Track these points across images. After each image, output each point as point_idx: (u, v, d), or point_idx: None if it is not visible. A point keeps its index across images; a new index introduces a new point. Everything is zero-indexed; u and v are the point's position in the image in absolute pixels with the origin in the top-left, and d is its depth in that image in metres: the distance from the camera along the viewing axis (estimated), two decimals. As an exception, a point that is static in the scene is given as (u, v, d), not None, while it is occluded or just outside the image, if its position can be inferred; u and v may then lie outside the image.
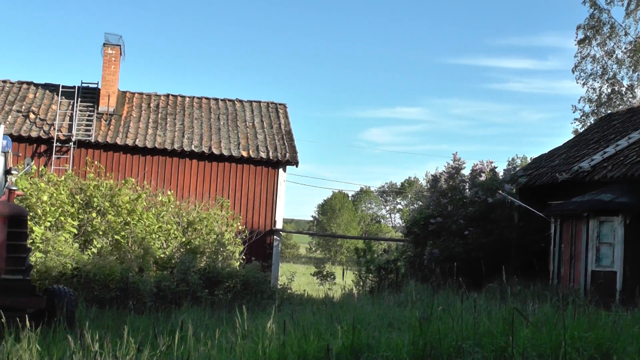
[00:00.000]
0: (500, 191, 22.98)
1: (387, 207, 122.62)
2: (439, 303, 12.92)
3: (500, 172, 25.45)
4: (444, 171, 27.21)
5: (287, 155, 29.54)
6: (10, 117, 29.49)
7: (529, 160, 57.78)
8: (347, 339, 9.17)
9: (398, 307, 15.61)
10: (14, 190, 16.28)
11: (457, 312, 9.76)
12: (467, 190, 25.28)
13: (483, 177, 24.60)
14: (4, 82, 32.13)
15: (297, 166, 29.95)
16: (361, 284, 27.78)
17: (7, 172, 15.93)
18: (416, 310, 11.58)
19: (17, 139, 27.80)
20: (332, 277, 32.45)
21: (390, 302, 17.18)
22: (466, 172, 26.21)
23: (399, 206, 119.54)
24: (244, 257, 26.46)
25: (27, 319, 10.41)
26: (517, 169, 27.63)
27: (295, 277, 28.11)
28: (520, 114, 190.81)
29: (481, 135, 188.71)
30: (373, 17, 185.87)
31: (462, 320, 9.18)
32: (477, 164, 25.63)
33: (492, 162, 25.63)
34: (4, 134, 15.25)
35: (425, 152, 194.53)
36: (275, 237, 29.62)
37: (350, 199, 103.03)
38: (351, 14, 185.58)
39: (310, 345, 9.15)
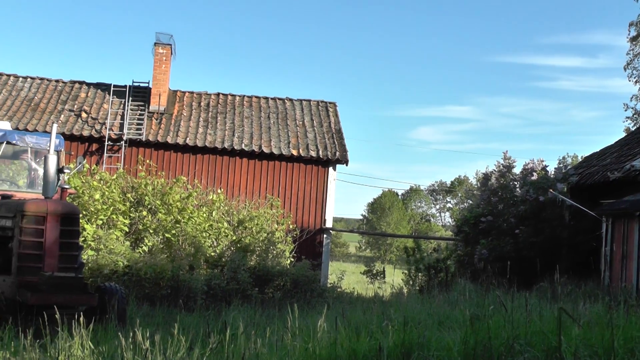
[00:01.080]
0: (551, 190, 22.77)
1: (437, 206, 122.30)
2: (489, 302, 12.83)
3: (551, 170, 25.22)
4: (494, 170, 27.02)
5: (337, 153, 29.53)
6: (62, 116, 29.85)
7: (579, 159, 57.28)
8: (398, 337, 9.14)
9: (448, 306, 15.52)
10: (67, 188, 16.47)
11: (508, 311, 9.67)
12: (518, 189, 25.09)
13: (534, 176, 24.37)
14: (57, 81, 32.55)
15: (347, 165, 29.95)
16: (411, 282, 27.72)
17: (60, 170, 16.10)
18: (467, 309, 11.51)
19: (69, 137, 28.14)
20: (381, 275, 32.40)
21: (440, 301, 17.10)
22: (517, 170, 26.02)
23: (448, 205, 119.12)
24: (294, 255, 26.49)
25: (80, 316, 10.52)
26: (569, 167, 27.37)
27: (345, 275, 28.07)
28: (570, 113, 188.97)
29: (531, 133, 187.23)
30: (422, 15, 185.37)
31: (513, 319, 9.10)
32: (528, 163, 25.42)
33: (543, 161, 25.40)
34: (56, 133, 15.41)
35: (475, 150, 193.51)
36: (325, 235, 29.63)
37: (399, 197, 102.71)
38: (400, 13, 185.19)
39: (361, 344, 9.13)
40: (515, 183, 25.51)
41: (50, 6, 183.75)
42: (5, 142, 16.25)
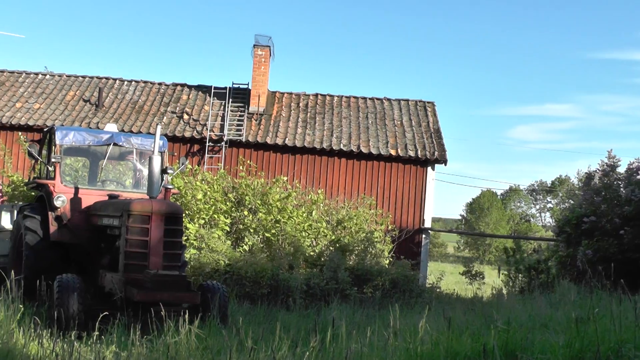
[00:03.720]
0: (657, 190, 22.21)
1: (537, 206, 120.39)
2: (594, 305, 12.60)
3: (657, 170, 24.61)
4: (598, 169, 26.49)
5: (436, 153, 29.37)
6: (165, 118, 30.45)
7: (687, 158, 55.54)
8: (501, 339, 9.05)
9: (550, 307, 15.30)
10: (170, 188, 16.80)
11: (614, 314, 9.48)
12: (622, 188, 24.54)
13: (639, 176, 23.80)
14: (160, 84, 33.19)
15: (445, 164, 29.74)
16: (510, 284, 27.38)
17: (164, 171, 16.46)
18: (572, 311, 11.32)
19: (172, 139, 28.66)
20: (481, 276, 32.09)
21: (542, 302, 16.86)
22: (621, 169, 25.44)
23: (549, 205, 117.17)
24: (393, 255, 26.44)
25: (185, 313, 10.72)
26: (676, 166, 26.64)
27: (444, 276, 27.87)
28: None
29: (634, 131, 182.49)
30: (520, 12, 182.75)
31: (621, 322, 8.92)
32: (633, 162, 24.81)
33: (649, 160, 24.78)
34: (160, 135, 15.72)
35: (576, 149, 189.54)
36: (423, 235, 29.49)
37: (499, 197, 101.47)
38: (497, 11, 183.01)
39: (463, 345, 9.08)
40: (620, 183, 24.96)
41: (153, 12, 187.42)
42: (112, 144, 16.79)
